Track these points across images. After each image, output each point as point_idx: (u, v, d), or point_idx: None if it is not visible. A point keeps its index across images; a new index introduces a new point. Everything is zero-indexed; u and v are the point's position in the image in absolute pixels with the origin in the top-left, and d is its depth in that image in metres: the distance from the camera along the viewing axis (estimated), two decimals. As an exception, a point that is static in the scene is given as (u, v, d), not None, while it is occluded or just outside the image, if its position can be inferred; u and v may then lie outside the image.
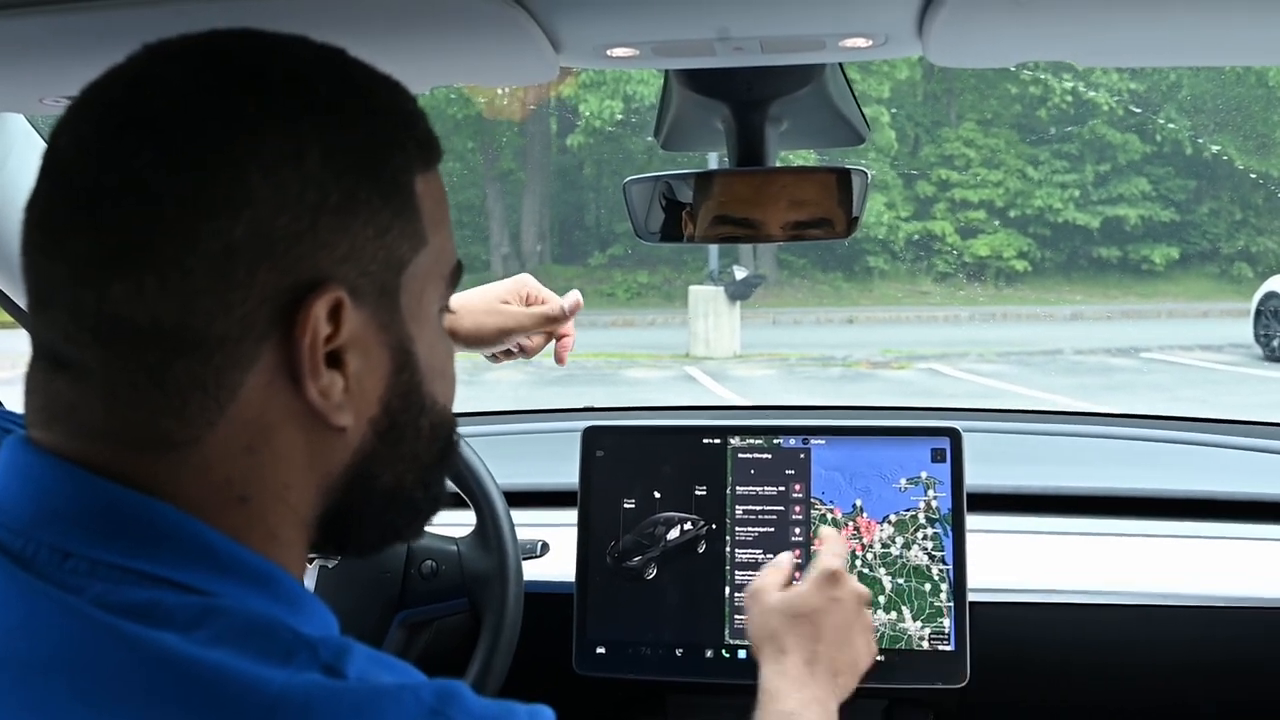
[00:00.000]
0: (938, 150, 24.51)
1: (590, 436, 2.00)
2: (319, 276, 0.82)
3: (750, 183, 1.69)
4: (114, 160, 0.79)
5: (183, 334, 0.79)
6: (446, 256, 0.94)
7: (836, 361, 15.39)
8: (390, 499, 0.93)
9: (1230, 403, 11.80)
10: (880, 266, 23.09)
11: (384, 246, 0.86)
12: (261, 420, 0.83)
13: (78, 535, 0.79)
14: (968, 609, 1.86)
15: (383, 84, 0.90)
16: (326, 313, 0.82)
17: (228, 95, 0.81)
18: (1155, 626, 1.98)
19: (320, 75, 0.85)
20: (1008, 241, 23.21)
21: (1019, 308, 21.25)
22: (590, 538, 1.97)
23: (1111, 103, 23.61)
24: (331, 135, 0.83)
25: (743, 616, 1.87)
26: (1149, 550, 2.13)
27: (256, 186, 0.79)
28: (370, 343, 0.86)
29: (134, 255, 0.78)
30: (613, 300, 21.95)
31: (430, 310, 0.93)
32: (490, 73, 1.49)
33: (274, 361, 0.82)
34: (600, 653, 1.94)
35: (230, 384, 0.81)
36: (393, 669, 0.82)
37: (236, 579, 0.81)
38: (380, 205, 0.85)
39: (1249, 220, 24.27)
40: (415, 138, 0.90)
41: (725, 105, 1.68)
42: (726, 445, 1.96)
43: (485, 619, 1.81)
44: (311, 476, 0.87)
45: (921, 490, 1.90)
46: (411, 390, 0.91)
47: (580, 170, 25.62)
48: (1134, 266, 23.69)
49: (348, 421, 0.86)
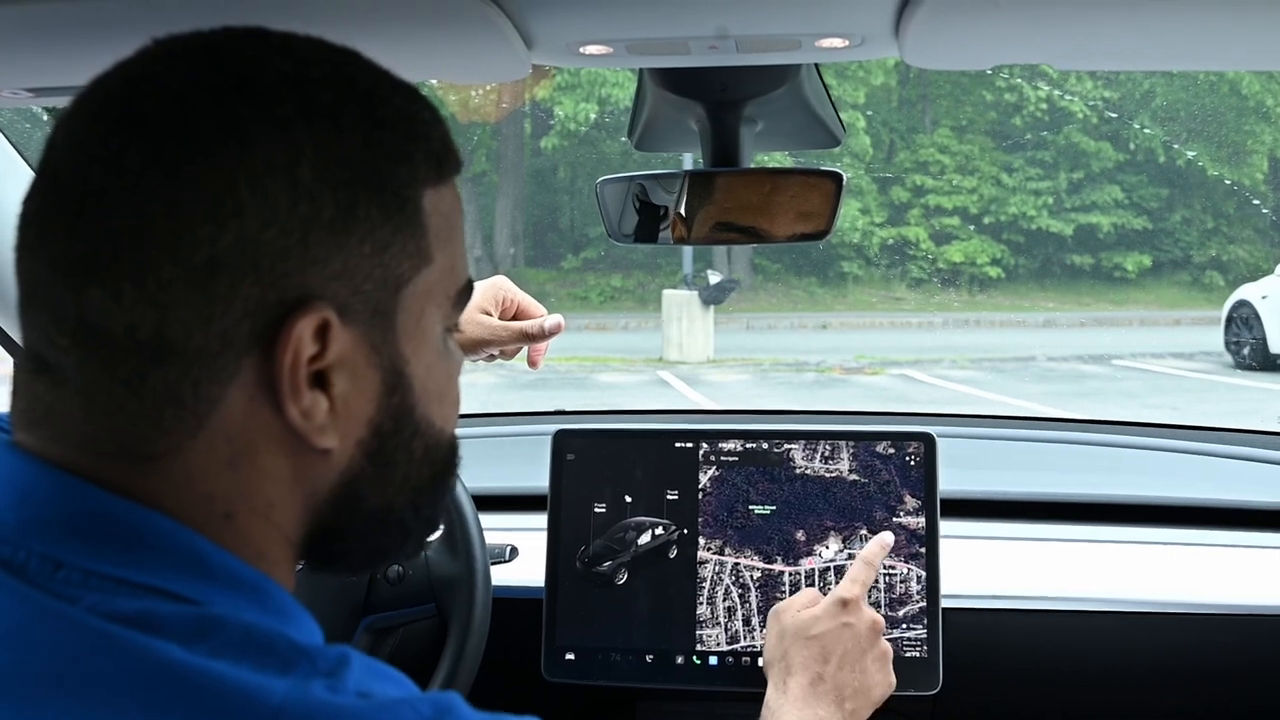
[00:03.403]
0: (912, 156, 24.68)
1: (560, 440, 1.98)
2: (306, 294, 0.79)
3: (731, 183, 1.67)
4: (102, 160, 0.77)
5: (159, 344, 0.77)
6: (454, 275, 0.90)
7: (810, 367, 15.43)
8: (379, 521, 0.90)
9: (1201, 410, 11.85)
10: (854, 272, 23.22)
11: (381, 264, 0.83)
12: (243, 436, 0.81)
13: (68, 544, 0.78)
14: (940, 615, 1.84)
15: (396, 91, 0.86)
16: (312, 332, 0.79)
17: (220, 98, 0.78)
18: (1131, 634, 1.98)
19: (323, 80, 0.82)
20: (981, 248, 23.37)
21: (992, 314, 21.37)
22: (560, 542, 1.95)
23: (1086, 110, 23.78)
24: (329, 145, 0.80)
25: (712, 630, 1.87)
26: (1124, 557, 2.12)
27: (244, 197, 0.76)
28: (360, 364, 0.83)
29: (113, 260, 0.76)
30: (586, 304, 22.00)
31: (431, 330, 0.89)
32: (460, 70, 1.46)
33: (254, 378, 0.79)
34: (570, 659, 1.92)
35: (209, 398, 0.79)
36: (390, 680, 0.81)
37: (228, 589, 0.80)
38: (380, 221, 0.82)
39: (1221, 229, 24.50)
40: (427, 149, 0.86)
41: (700, 105, 1.66)
42: (699, 449, 1.94)
43: (452, 625, 1.79)
44: (297, 495, 0.84)
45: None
46: (404, 413, 0.88)
47: (554, 173, 25.71)
48: (1107, 274, 23.89)
49: (332, 443, 0.83)
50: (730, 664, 1.87)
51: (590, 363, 15.22)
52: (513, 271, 23.40)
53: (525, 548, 2.09)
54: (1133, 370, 15.29)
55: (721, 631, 1.88)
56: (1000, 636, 1.98)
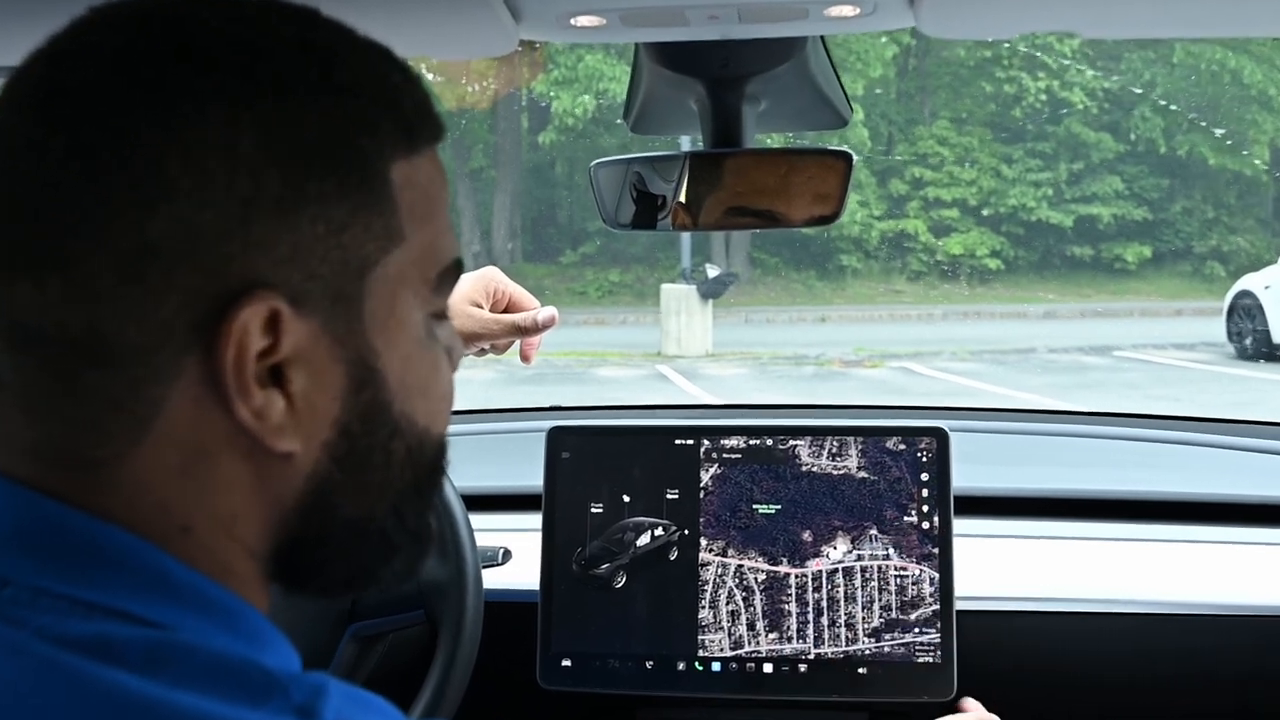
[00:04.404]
0: (911, 148, 24.74)
1: (555, 437, 1.91)
2: (251, 281, 0.71)
3: (742, 165, 1.59)
4: (26, 145, 0.71)
5: (93, 341, 0.70)
6: (435, 254, 0.81)
7: (809, 360, 15.42)
8: (357, 533, 0.81)
9: (1204, 401, 11.84)
10: (853, 265, 23.31)
11: (339, 246, 0.74)
12: (194, 441, 0.73)
13: (15, 560, 0.71)
14: (954, 618, 1.79)
15: (358, 53, 0.78)
16: (261, 323, 0.71)
17: (149, 67, 0.71)
18: (1155, 636, 1.91)
19: (271, 43, 0.74)
20: (981, 240, 23.47)
21: (992, 306, 21.42)
22: (555, 544, 1.89)
23: (1086, 101, 23.86)
24: (275, 115, 0.71)
25: (715, 635, 1.82)
26: (1145, 556, 2.05)
27: (175, 176, 0.69)
28: (321, 357, 0.75)
29: (39, 252, 0.70)
30: (584, 299, 22.07)
31: (407, 317, 0.80)
32: (445, 44, 1.39)
33: (199, 376, 0.71)
34: (566, 665, 1.86)
35: (151, 399, 0.71)
36: (373, 710, 0.74)
37: (195, 610, 0.72)
38: (336, 198, 0.73)
39: (1221, 219, 24.69)
40: (396, 116, 0.77)
41: (699, 83, 1.57)
42: (700, 446, 1.87)
43: (442, 632, 1.72)
44: (261, 505, 0.76)
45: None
46: (375, 411, 0.79)
47: (552, 168, 25.86)
48: (1107, 265, 24.01)
49: (293, 446, 0.75)
50: (734, 670, 1.82)
51: (588, 357, 15.21)
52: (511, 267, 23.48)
53: (519, 549, 2.02)
54: (1134, 361, 15.31)
55: (725, 636, 1.82)
56: (1017, 640, 1.92)
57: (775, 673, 1.81)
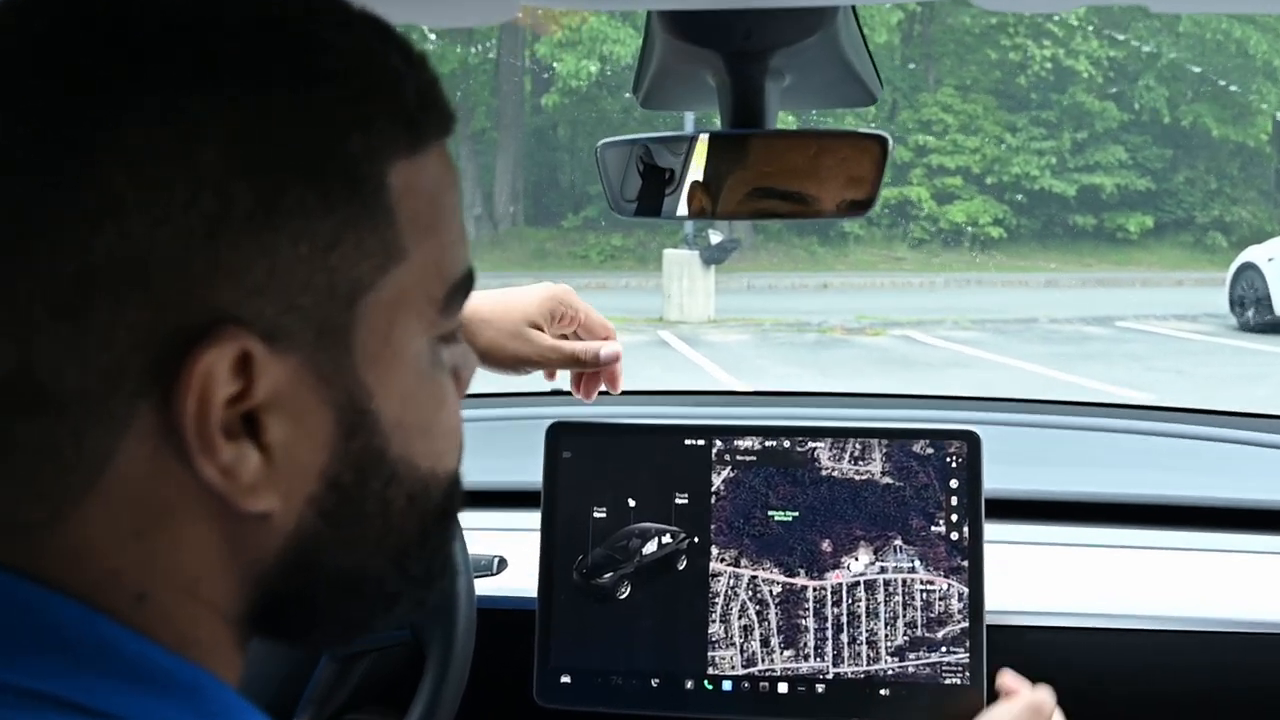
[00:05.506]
0: (915, 115, 24.99)
1: (555, 435, 1.80)
2: (217, 316, 0.59)
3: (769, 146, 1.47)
4: None
5: (26, 386, 0.58)
6: (442, 270, 0.68)
7: (811, 327, 15.51)
8: (349, 588, 0.70)
9: (1207, 373, 11.90)
10: (856, 232, 23.62)
11: (326, 269, 0.62)
12: (150, 500, 0.61)
13: None
14: (985, 636, 1.68)
15: (346, 32, 0.64)
16: (229, 366, 0.59)
17: (87, 59, 0.58)
18: (1205, 654, 1.80)
19: (237, 25, 0.61)
20: (984, 208, 23.81)
21: (994, 275, 21.68)
22: (555, 551, 1.78)
23: (1091, 70, 23.96)
24: (243, 113, 0.59)
25: (726, 651, 1.73)
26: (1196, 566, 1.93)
27: (121, 190, 0.57)
28: (303, 400, 0.63)
29: None
30: (586, 263, 22.26)
31: (406, 347, 0.67)
32: (442, 11, 1.29)
33: (155, 427, 0.60)
34: (565, 682, 1.76)
35: (96, 452, 0.60)
36: None
37: (149, 691, 0.61)
38: (321, 211, 0.61)
39: (1224, 190, 25.18)
40: (394, 108, 0.64)
41: (718, 56, 1.44)
42: (711, 447, 1.76)
43: (430, 652, 1.60)
44: (230, 566, 0.65)
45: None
46: (370, 459, 0.67)
47: (554, 131, 26.09)
48: (1109, 235, 24.42)
49: (270, 505, 0.63)
50: (746, 690, 1.72)
51: (589, 323, 15.25)
52: (512, 230, 23.66)
53: (515, 554, 1.92)
54: (1136, 332, 15.44)
55: (736, 653, 1.72)
56: (1052, 657, 1.80)
57: (790, 693, 1.71)
